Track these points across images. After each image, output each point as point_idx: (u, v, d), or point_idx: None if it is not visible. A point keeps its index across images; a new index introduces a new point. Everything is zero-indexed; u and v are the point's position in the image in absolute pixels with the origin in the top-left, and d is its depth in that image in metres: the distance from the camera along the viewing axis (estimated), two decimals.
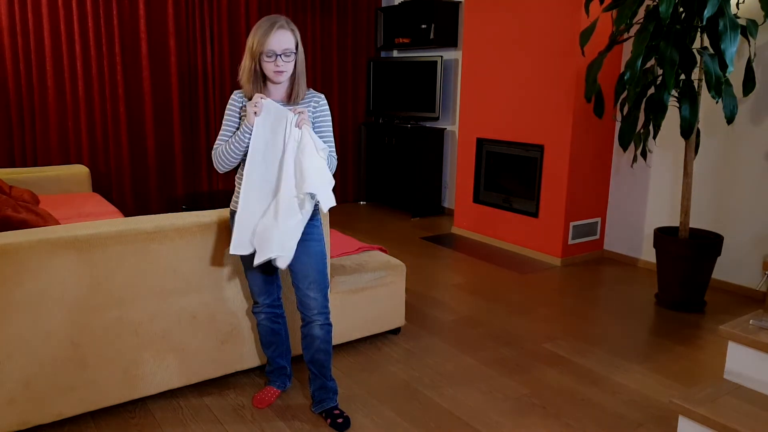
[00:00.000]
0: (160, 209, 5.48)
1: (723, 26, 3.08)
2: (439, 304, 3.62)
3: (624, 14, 3.26)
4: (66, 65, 4.86)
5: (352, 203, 6.64)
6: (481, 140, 5.04)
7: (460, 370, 2.81)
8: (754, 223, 3.79)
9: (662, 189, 4.29)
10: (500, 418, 2.40)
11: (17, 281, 2.03)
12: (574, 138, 4.30)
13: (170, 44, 5.27)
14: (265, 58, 2.05)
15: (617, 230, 4.64)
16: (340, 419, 2.32)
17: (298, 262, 2.23)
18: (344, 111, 6.45)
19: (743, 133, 3.78)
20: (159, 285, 2.31)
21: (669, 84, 3.16)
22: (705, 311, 3.59)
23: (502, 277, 4.17)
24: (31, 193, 3.73)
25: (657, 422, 2.39)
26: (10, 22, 4.61)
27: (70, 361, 2.18)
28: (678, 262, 3.54)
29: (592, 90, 3.53)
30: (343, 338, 2.91)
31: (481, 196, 5.15)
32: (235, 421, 2.36)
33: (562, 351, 3.03)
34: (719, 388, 2.14)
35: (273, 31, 2.02)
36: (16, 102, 4.74)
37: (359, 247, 3.19)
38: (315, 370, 2.36)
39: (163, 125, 5.41)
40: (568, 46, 4.20)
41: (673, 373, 2.82)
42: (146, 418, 2.37)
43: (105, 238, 2.16)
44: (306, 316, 2.29)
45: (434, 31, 5.68)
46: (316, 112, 2.20)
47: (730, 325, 2.18)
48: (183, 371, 2.45)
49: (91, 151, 5.11)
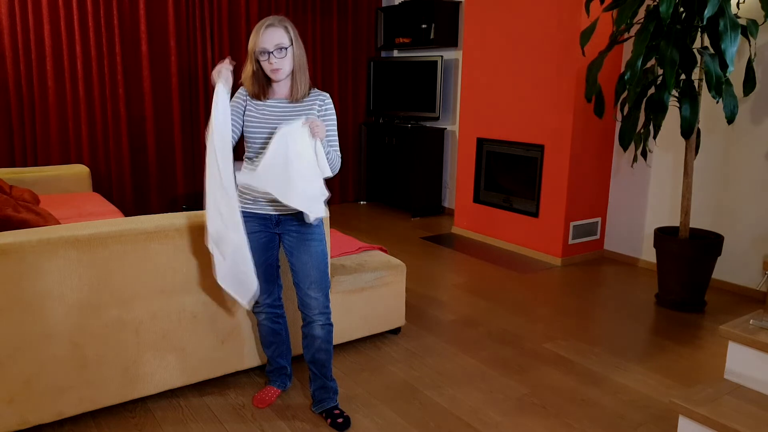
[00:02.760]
0: (160, 209, 5.48)
1: (723, 26, 3.08)
2: (439, 304, 3.62)
3: (624, 14, 3.26)
4: (66, 65, 4.86)
5: (352, 203, 6.65)
6: (482, 140, 5.04)
7: (460, 370, 2.81)
8: (754, 223, 3.79)
9: (662, 189, 4.29)
10: (500, 418, 2.40)
11: (17, 281, 2.03)
12: (575, 138, 4.30)
13: (170, 44, 5.27)
14: (259, 57, 2.08)
15: (617, 230, 4.64)
16: (340, 419, 2.32)
17: (299, 261, 2.23)
18: (344, 111, 6.45)
19: (743, 133, 3.78)
20: (159, 284, 2.31)
21: (669, 84, 3.16)
22: (705, 311, 3.59)
23: (502, 277, 4.17)
24: (32, 192, 3.73)
25: (657, 422, 2.39)
26: (11, 22, 4.61)
27: (71, 360, 2.18)
28: (678, 262, 3.54)
29: (593, 90, 3.53)
30: (344, 338, 2.91)
31: (482, 196, 5.15)
32: (236, 420, 2.36)
33: (562, 351, 3.03)
34: (719, 388, 2.13)
35: (263, 29, 2.06)
36: (17, 102, 4.74)
37: (359, 246, 3.19)
38: (315, 369, 2.36)
39: (163, 125, 5.41)
40: (569, 46, 4.20)
41: (673, 373, 2.82)
42: (146, 417, 2.37)
43: (105, 238, 2.16)
44: (307, 316, 2.30)
45: (434, 30, 5.68)
46: (321, 111, 2.20)
47: (731, 325, 2.18)
48: (183, 371, 2.45)
49: (92, 150, 5.11)
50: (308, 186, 2.08)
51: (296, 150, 2.04)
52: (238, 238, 2.12)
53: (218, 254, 2.15)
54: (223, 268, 2.17)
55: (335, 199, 6.56)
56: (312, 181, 2.08)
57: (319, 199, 2.11)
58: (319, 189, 2.11)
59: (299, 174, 2.05)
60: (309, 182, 2.07)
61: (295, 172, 2.04)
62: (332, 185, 6.50)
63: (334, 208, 6.28)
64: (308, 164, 2.06)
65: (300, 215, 2.21)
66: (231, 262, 2.16)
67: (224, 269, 2.17)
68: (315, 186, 2.09)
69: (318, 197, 2.11)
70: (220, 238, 2.13)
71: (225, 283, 2.20)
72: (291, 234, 2.23)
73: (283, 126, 2.04)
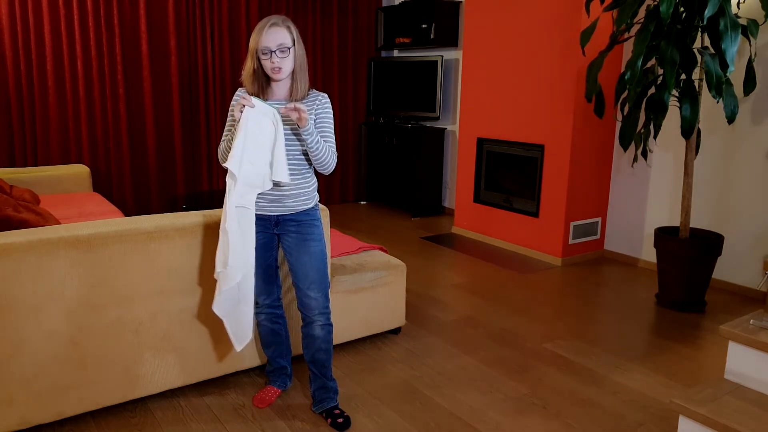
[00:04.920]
0: (160, 209, 5.49)
1: (724, 26, 3.08)
2: (439, 304, 3.62)
3: (624, 14, 3.26)
4: (66, 65, 4.86)
5: (352, 203, 6.65)
6: (482, 140, 5.04)
7: (460, 370, 2.81)
8: (754, 223, 3.79)
9: (663, 189, 4.29)
10: (500, 418, 2.40)
11: (18, 281, 2.03)
12: (575, 138, 4.30)
13: (171, 44, 5.27)
14: (261, 56, 2.07)
15: (618, 230, 4.63)
16: (340, 419, 2.32)
17: (299, 262, 2.23)
18: (345, 111, 6.45)
19: (744, 132, 3.78)
20: (159, 284, 2.31)
21: (669, 84, 3.16)
22: (705, 311, 3.59)
23: (503, 276, 4.17)
24: (32, 192, 3.73)
25: (657, 422, 2.39)
26: (11, 21, 4.61)
27: (71, 360, 2.18)
28: (678, 261, 3.54)
29: (593, 90, 3.52)
30: (344, 338, 2.91)
31: (482, 195, 5.14)
32: (236, 420, 2.36)
33: (562, 351, 3.03)
34: (720, 388, 2.13)
35: (267, 28, 2.05)
36: (17, 102, 4.74)
37: (359, 246, 3.19)
38: (315, 369, 2.36)
39: (163, 125, 5.41)
40: (569, 46, 4.20)
41: (674, 373, 2.82)
42: (146, 417, 2.37)
43: (105, 238, 2.16)
44: (307, 317, 2.29)
45: (435, 30, 5.68)
46: (318, 108, 2.20)
47: (731, 324, 2.18)
48: (183, 371, 2.45)
49: (92, 150, 5.11)
50: (252, 170, 2.07)
51: (260, 127, 2.05)
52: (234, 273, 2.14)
53: (226, 284, 2.16)
54: (224, 302, 2.19)
55: (335, 199, 6.56)
56: (256, 164, 2.07)
57: (255, 185, 2.10)
58: (261, 179, 2.09)
59: (249, 153, 2.06)
60: (253, 163, 2.07)
61: (253, 149, 2.06)
62: (332, 185, 6.51)
63: (335, 208, 6.28)
64: (261, 144, 2.06)
65: (300, 215, 2.22)
66: (233, 303, 2.20)
67: (226, 304, 2.20)
68: (259, 173, 2.08)
69: (255, 184, 2.10)
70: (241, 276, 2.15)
71: (219, 310, 2.21)
72: (290, 234, 2.23)
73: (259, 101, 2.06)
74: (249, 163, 2.08)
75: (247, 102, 2.04)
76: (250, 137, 2.06)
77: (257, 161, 2.08)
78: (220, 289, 2.16)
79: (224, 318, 2.24)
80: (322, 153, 2.15)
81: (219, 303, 2.19)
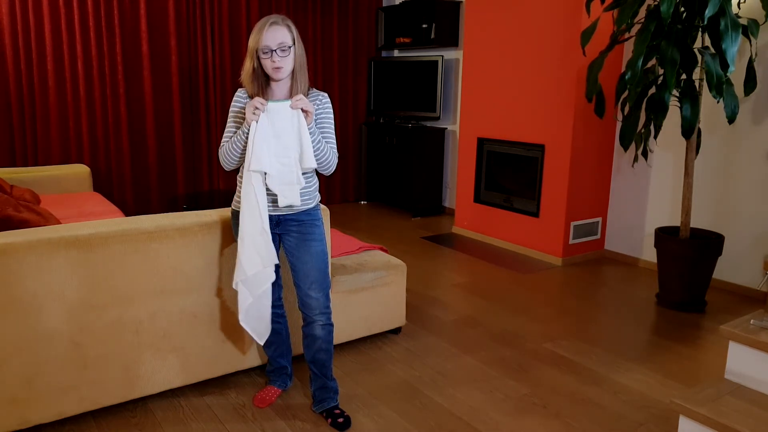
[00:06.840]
0: (160, 209, 5.49)
1: (724, 26, 3.08)
2: (439, 304, 3.62)
3: (625, 14, 3.26)
4: (67, 65, 4.86)
5: (352, 203, 6.65)
6: (482, 140, 5.04)
7: (461, 369, 2.81)
8: (754, 223, 3.79)
9: (663, 189, 4.28)
10: (500, 418, 2.40)
11: (18, 281, 2.03)
12: (575, 138, 4.30)
13: (171, 44, 5.27)
14: (261, 55, 2.06)
15: (618, 230, 4.63)
16: (340, 419, 2.32)
17: (300, 261, 2.23)
18: (345, 111, 6.45)
19: (744, 132, 3.78)
20: (160, 284, 2.31)
21: (670, 84, 3.16)
22: (705, 311, 3.59)
23: (503, 276, 4.17)
24: (32, 192, 3.73)
25: (657, 422, 2.39)
26: (11, 21, 4.61)
27: (71, 360, 2.18)
28: (679, 261, 3.54)
29: (593, 90, 3.52)
30: (344, 338, 2.91)
31: (482, 195, 5.14)
32: (236, 420, 2.36)
33: (563, 351, 3.03)
34: (720, 388, 2.13)
35: (267, 27, 2.05)
36: (17, 101, 4.74)
37: (360, 246, 3.19)
38: (316, 369, 2.36)
39: (163, 124, 5.41)
40: (569, 46, 4.20)
41: (674, 373, 2.82)
42: (147, 417, 2.37)
43: (106, 238, 2.16)
44: (307, 316, 2.30)
45: (435, 30, 5.68)
46: (318, 108, 2.20)
47: (731, 324, 2.18)
48: (184, 370, 2.45)
49: (92, 150, 5.11)
50: (285, 170, 2.08)
51: (281, 126, 2.06)
52: (272, 271, 2.17)
53: (248, 295, 2.19)
54: (250, 308, 2.22)
55: (336, 199, 6.56)
56: (289, 164, 2.08)
57: (294, 185, 2.11)
58: (295, 175, 2.10)
59: (277, 153, 2.06)
60: (286, 165, 2.08)
61: (279, 148, 2.06)
62: (333, 185, 6.51)
63: (335, 208, 6.28)
64: (290, 143, 2.07)
65: (301, 215, 2.22)
66: (257, 300, 2.21)
67: (251, 309, 2.22)
68: (291, 170, 2.09)
69: (293, 183, 2.10)
70: (258, 280, 2.17)
71: (247, 324, 2.24)
72: (291, 234, 2.23)
73: (269, 103, 2.05)
74: (280, 165, 2.08)
75: (261, 107, 2.03)
76: (274, 138, 2.06)
77: (286, 160, 2.08)
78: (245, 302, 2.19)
79: (250, 330, 2.26)
80: (323, 153, 2.15)
81: (246, 316, 2.23)
